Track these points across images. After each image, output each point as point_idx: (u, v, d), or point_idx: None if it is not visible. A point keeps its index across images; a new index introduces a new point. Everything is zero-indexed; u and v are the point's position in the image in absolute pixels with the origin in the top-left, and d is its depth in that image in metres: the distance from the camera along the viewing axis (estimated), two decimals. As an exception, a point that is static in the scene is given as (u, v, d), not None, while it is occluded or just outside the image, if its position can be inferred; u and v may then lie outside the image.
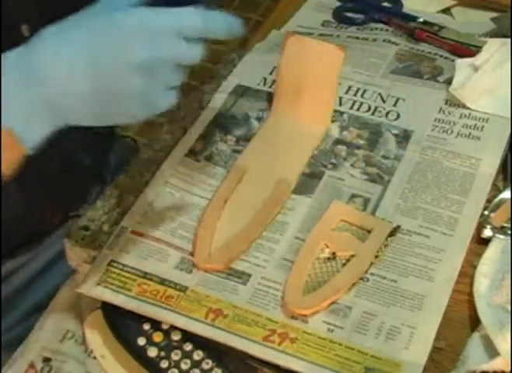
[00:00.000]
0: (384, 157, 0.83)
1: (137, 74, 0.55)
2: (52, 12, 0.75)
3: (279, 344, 0.67)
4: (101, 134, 0.97)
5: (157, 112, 0.60)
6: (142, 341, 0.68)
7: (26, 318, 0.87)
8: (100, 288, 0.71)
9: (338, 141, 0.85)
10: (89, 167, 0.93)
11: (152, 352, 0.67)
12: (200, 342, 0.68)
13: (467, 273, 0.72)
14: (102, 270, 0.72)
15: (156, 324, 0.69)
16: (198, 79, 0.98)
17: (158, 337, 0.68)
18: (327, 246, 0.74)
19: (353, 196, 0.79)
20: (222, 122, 0.88)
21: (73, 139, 0.86)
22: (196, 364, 0.67)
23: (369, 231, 0.75)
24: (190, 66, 0.59)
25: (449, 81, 0.89)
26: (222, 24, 0.59)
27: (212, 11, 0.59)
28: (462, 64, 0.89)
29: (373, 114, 0.87)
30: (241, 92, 0.91)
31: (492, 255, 0.73)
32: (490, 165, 0.80)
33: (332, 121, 0.86)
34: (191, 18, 0.57)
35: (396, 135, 0.85)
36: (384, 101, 0.89)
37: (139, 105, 0.58)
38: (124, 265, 0.73)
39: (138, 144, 1.06)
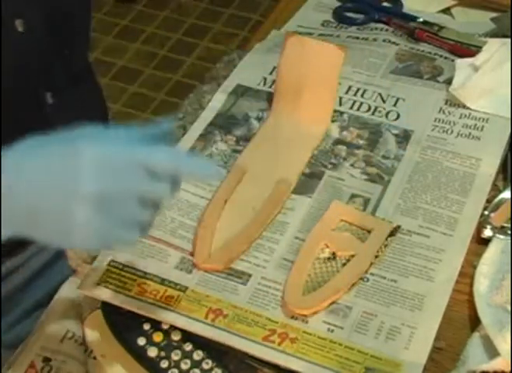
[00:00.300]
0: (384, 157, 0.83)
1: (88, 207, 0.53)
2: (45, 7, 0.75)
3: (279, 344, 0.67)
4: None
5: (113, 246, 0.59)
6: (142, 341, 0.68)
7: (26, 317, 0.87)
8: (100, 288, 0.71)
9: (338, 141, 0.85)
10: None
11: (152, 352, 0.67)
12: (200, 342, 0.68)
13: (467, 273, 0.72)
14: (102, 269, 0.72)
15: (156, 324, 0.69)
16: (198, 79, 0.98)
17: (158, 337, 0.68)
18: (327, 246, 0.74)
19: (353, 196, 0.79)
20: (222, 122, 0.88)
21: None
22: (196, 364, 0.67)
23: (369, 231, 0.75)
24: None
25: (449, 81, 0.89)
26: (195, 165, 0.56)
27: (185, 153, 0.57)
28: (462, 64, 0.89)
29: (373, 114, 0.87)
30: (241, 92, 0.91)
31: (492, 255, 0.73)
32: (490, 165, 0.80)
33: (332, 121, 0.86)
34: (160, 156, 0.55)
35: (396, 135, 0.85)
36: (383, 101, 0.89)
37: (91, 236, 0.55)
38: (124, 265, 0.73)
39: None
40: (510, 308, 0.67)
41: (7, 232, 0.56)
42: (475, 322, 0.68)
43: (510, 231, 0.74)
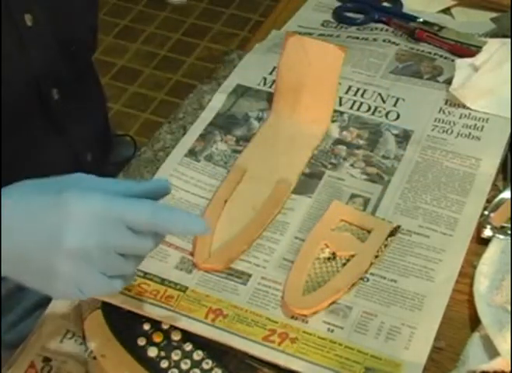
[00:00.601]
0: (383, 157, 0.83)
1: (70, 261, 0.54)
2: (53, 2, 0.76)
3: (279, 344, 0.67)
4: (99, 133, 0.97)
5: (97, 296, 0.59)
6: (142, 341, 0.68)
7: (27, 316, 0.87)
8: (100, 288, 0.71)
9: (338, 141, 0.85)
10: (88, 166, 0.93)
11: (152, 352, 0.67)
12: (200, 342, 0.68)
13: (467, 273, 0.72)
14: (102, 270, 0.72)
15: (156, 324, 0.69)
16: (198, 79, 0.98)
17: (158, 337, 0.68)
18: (327, 246, 0.74)
19: (353, 196, 0.79)
20: (222, 122, 0.88)
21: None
22: (196, 364, 0.67)
23: (369, 231, 0.75)
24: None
25: (449, 81, 0.89)
26: (177, 222, 0.56)
27: (167, 208, 0.56)
28: (462, 64, 0.89)
29: (373, 114, 0.87)
30: (241, 92, 0.92)
31: (492, 255, 0.73)
32: (490, 165, 0.80)
33: (332, 121, 0.86)
34: (139, 212, 0.55)
35: (396, 135, 0.85)
36: (383, 101, 0.89)
37: (73, 288, 0.56)
38: (124, 265, 0.73)
39: (136, 142, 1.06)
40: (510, 308, 0.67)
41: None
42: (475, 322, 0.68)
43: (510, 231, 0.74)
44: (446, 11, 1.03)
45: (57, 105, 0.81)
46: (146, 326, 0.69)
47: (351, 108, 0.88)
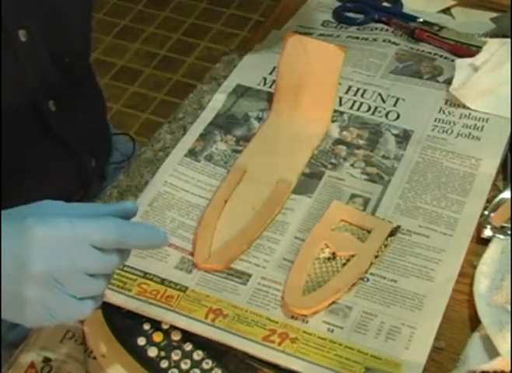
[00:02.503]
0: (384, 157, 0.83)
1: (37, 286, 0.54)
2: (46, 17, 0.76)
3: (279, 344, 0.67)
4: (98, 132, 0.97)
5: (69, 320, 0.59)
6: (142, 341, 0.68)
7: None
8: (100, 288, 0.71)
9: (338, 141, 0.85)
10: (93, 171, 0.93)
11: (152, 352, 0.67)
12: (200, 342, 0.68)
13: (467, 273, 0.72)
14: (102, 270, 0.72)
15: (156, 324, 0.69)
16: (198, 79, 0.98)
17: (158, 337, 0.68)
18: (327, 246, 0.74)
19: (353, 196, 0.79)
20: (222, 122, 0.88)
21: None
22: (196, 364, 0.67)
23: (369, 231, 0.75)
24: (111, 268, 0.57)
25: (449, 81, 0.89)
26: (139, 237, 0.57)
27: (130, 223, 0.57)
28: (462, 64, 0.89)
29: (373, 114, 0.87)
30: (241, 92, 0.92)
31: (492, 255, 0.73)
32: (490, 165, 0.80)
33: (332, 121, 0.86)
34: (102, 231, 0.55)
35: (396, 135, 0.85)
36: (384, 101, 0.89)
37: (44, 314, 0.55)
38: (124, 265, 0.73)
39: (135, 140, 1.06)
40: (510, 308, 0.67)
41: None
42: (475, 322, 0.68)
43: (510, 231, 0.74)
44: (446, 11, 1.03)
45: (55, 116, 0.81)
46: (146, 326, 0.69)
47: (351, 108, 0.88)
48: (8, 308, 0.56)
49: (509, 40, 0.90)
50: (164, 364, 0.67)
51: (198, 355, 0.67)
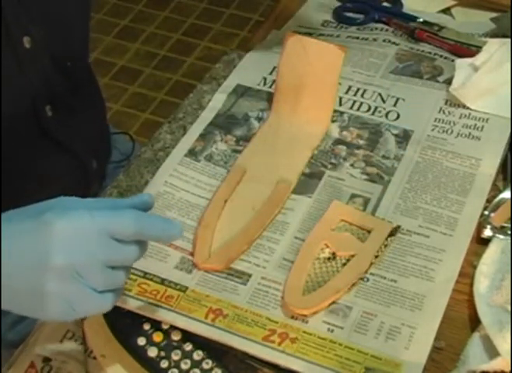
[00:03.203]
0: (384, 157, 0.83)
1: (58, 279, 0.54)
2: (49, 24, 0.76)
3: (279, 344, 0.67)
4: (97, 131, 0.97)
5: (87, 314, 0.59)
6: (142, 341, 0.68)
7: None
8: (100, 288, 0.71)
9: (338, 141, 0.85)
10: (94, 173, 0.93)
11: (152, 352, 0.67)
12: (200, 342, 0.68)
13: (467, 273, 0.72)
14: (102, 270, 0.72)
15: (156, 324, 0.69)
16: (198, 79, 0.98)
17: (158, 337, 0.68)
18: (327, 246, 0.74)
19: (353, 196, 0.79)
20: (222, 122, 0.88)
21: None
22: (196, 364, 0.67)
23: (369, 231, 0.75)
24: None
25: (449, 81, 0.89)
26: (157, 228, 0.57)
27: (148, 215, 0.58)
28: (462, 64, 0.89)
29: (373, 114, 0.87)
30: (241, 92, 0.92)
31: (492, 255, 0.73)
32: (490, 165, 0.80)
33: (332, 121, 0.86)
34: (121, 221, 0.56)
35: (396, 135, 0.85)
36: (383, 101, 0.89)
37: (66, 308, 0.55)
38: (124, 265, 0.73)
39: (134, 139, 1.06)
40: (510, 308, 0.67)
41: None
42: (475, 322, 0.68)
43: (510, 231, 0.74)
44: (446, 11, 1.03)
45: (52, 121, 0.81)
46: (146, 326, 0.69)
47: (351, 108, 0.88)
48: (29, 303, 0.56)
49: (509, 40, 0.90)
50: (164, 364, 0.67)
51: (198, 355, 0.67)
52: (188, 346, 0.68)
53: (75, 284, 0.55)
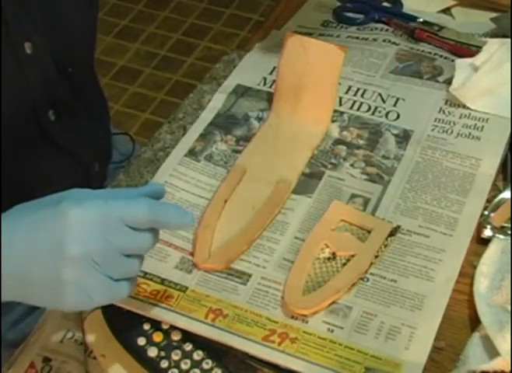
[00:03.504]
0: (384, 157, 0.83)
1: (75, 268, 0.54)
2: (51, 30, 0.76)
3: (279, 344, 0.67)
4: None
5: (104, 303, 0.59)
6: (142, 341, 0.68)
7: (29, 314, 0.87)
8: (100, 288, 0.71)
9: (338, 141, 0.85)
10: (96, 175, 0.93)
11: (152, 352, 0.67)
12: (200, 342, 0.68)
13: (467, 273, 0.72)
14: (102, 270, 0.72)
15: (156, 324, 0.69)
16: (198, 79, 0.98)
17: (158, 337, 0.68)
18: (327, 246, 0.74)
19: (353, 196, 0.79)
20: (222, 122, 0.88)
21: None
22: (196, 364, 0.67)
23: (369, 231, 0.75)
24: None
25: (449, 81, 0.89)
26: (171, 215, 0.58)
27: (161, 203, 0.58)
28: (462, 64, 0.89)
29: (373, 114, 0.87)
30: (241, 92, 0.92)
31: (492, 255, 0.73)
32: (490, 165, 0.80)
33: (332, 121, 0.86)
34: (135, 209, 0.56)
35: (396, 135, 0.85)
36: (384, 101, 0.89)
37: (82, 297, 0.56)
38: (124, 265, 0.73)
39: (134, 139, 1.06)
40: (510, 308, 0.67)
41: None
42: (475, 322, 0.68)
43: (510, 231, 0.74)
44: (446, 11, 1.03)
45: (55, 126, 0.81)
46: (146, 326, 0.69)
47: (351, 108, 0.88)
48: (46, 293, 0.56)
49: (509, 40, 0.90)
50: (164, 364, 0.67)
51: (198, 355, 0.67)
52: (188, 346, 0.68)
53: (91, 272, 0.55)
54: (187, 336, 0.68)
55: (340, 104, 0.89)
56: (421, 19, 0.99)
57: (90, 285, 0.56)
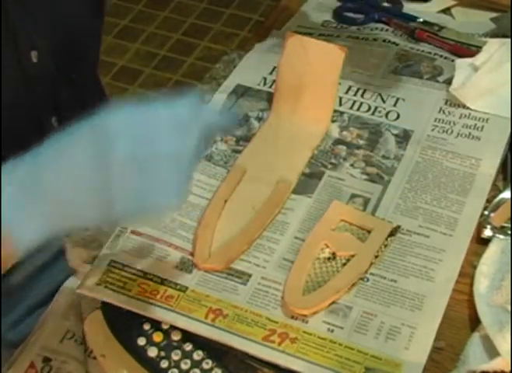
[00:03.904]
0: (383, 157, 0.83)
1: (123, 171, 0.53)
2: (56, 38, 0.76)
3: (279, 344, 0.66)
4: None
5: (155, 214, 0.58)
6: (142, 341, 0.68)
7: (29, 314, 0.87)
8: (100, 288, 0.71)
9: (338, 141, 0.85)
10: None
11: (152, 352, 0.67)
12: (200, 342, 0.68)
13: (467, 273, 0.72)
14: (102, 270, 0.72)
15: (156, 324, 0.69)
16: (198, 79, 0.98)
17: (158, 337, 0.68)
18: (327, 246, 0.74)
19: (353, 196, 0.79)
20: (222, 122, 0.88)
21: None
22: (196, 364, 0.67)
23: (369, 231, 0.75)
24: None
25: (449, 81, 0.89)
26: (215, 115, 0.59)
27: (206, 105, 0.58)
28: (462, 64, 0.89)
29: (373, 114, 0.87)
30: (241, 92, 0.91)
31: (492, 255, 0.73)
32: (490, 165, 0.80)
33: (332, 121, 0.86)
34: (185, 109, 0.56)
35: (396, 135, 0.85)
36: (383, 101, 0.89)
37: (131, 204, 0.54)
38: (124, 265, 0.73)
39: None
40: (510, 308, 0.67)
41: (41, 235, 0.54)
42: (475, 322, 0.68)
43: (510, 231, 0.74)
44: (446, 11, 1.03)
45: (57, 132, 0.81)
46: (146, 326, 0.69)
47: (351, 108, 0.88)
48: (98, 204, 0.54)
49: (509, 40, 0.90)
50: (164, 364, 0.67)
51: (198, 355, 0.67)
52: (188, 346, 0.68)
53: (139, 176, 0.53)
54: (187, 336, 0.68)
55: (340, 104, 0.89)
56: (421, 19, 0.99)
57: (143, 191, 0.54)
